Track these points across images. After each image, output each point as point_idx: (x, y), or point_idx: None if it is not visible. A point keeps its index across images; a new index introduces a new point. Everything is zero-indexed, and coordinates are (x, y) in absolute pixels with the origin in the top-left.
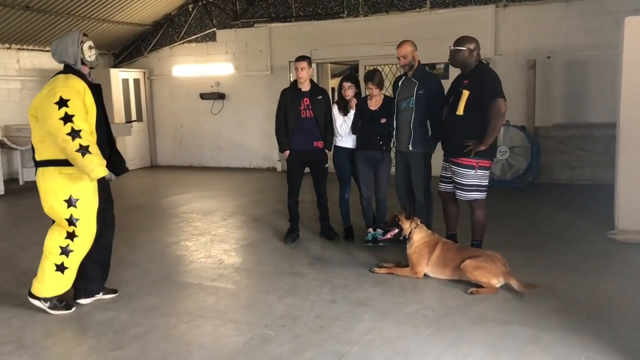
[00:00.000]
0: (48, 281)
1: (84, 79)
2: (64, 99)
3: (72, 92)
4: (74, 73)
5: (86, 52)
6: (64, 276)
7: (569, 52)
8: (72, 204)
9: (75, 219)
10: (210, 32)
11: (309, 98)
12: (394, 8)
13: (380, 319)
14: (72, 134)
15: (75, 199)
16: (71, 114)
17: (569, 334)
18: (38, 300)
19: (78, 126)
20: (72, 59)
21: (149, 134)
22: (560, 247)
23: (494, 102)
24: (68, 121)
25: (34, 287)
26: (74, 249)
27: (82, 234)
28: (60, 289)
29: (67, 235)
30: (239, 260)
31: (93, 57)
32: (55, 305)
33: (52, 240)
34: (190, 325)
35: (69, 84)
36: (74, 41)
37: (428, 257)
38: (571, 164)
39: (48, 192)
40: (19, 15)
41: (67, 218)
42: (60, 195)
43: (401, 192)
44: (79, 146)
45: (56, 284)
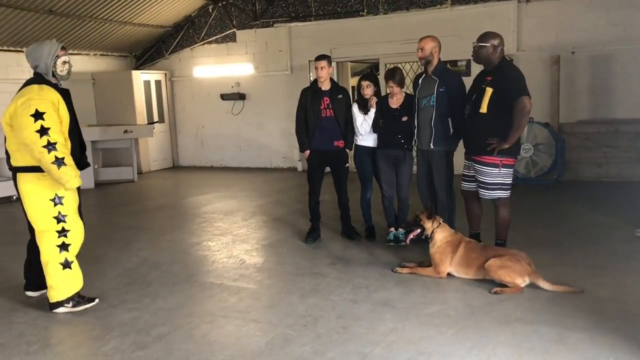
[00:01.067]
0: (61, 283)
1: (55, 88)
2: (40, 111)
3: (48, 105)
4: (46, 83)
5: (59, 67)
6: (73, 271)
7: (593, 46)
8: (59, 202)
9: (63, 215)
10: (230, 33)
11: (329, 97)
12: (414, 5)
13: (403, 319)
14: (48, 146)
15: (60, 196)
16: (47, 127)
17: (597, 334)
18: (61, 307)
19: (54, 139)
20: (43, 69)
21: (170, 135)
22: (586, 246)
23: (518, 100)
24: (44, 134)
25: (50, 297)
26: (71, 242)
27: (73, 227)
28: (75, 286)
29: (59, 233)
30: (260, 260)
31: (65, 72)
32: (78, 302)
33: (46, 246)
34: (212, 325)
35: (43, 95)
36: (50, 53)
37: (451, 257)
38: (597, 161)
39: (32, 194)
40: (43, 20)
41: (55, 216)
42: (46, 195)
43: (423, 191)
44: (54, 158)
45: (69, 282)
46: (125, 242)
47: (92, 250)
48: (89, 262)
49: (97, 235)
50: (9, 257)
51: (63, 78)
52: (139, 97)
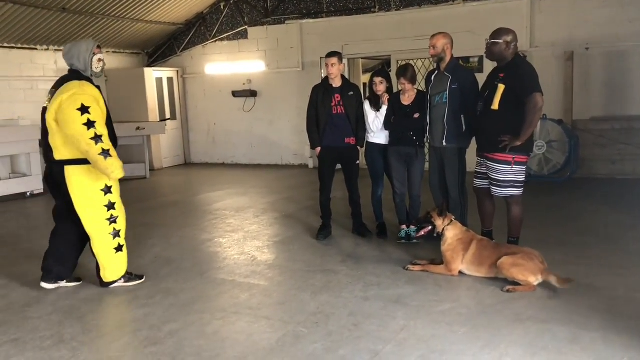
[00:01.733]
0: (115, 265)
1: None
2: (86, 106)
3: (91, 100)
4: (85, 79)
5: (94, 64)
6: (123, 253)
7: (608, 42)
8: (109, 191)
9: (112, 203)
10: (242, 30)
11: (340, 94)
12: (426, 1)
13: (415, 317)
14: (95, 138)
15: (109, 186)
16: (93, 120)
17: (611, 333)
18: (113, 284)
19: (100, 132)
20: (82, 66)
21: (182, 132)
22: (600, 244)
23: (530, 96)
24: (91, 127)
25: (103, 277)
26: (120, 227)
27: (120, 213)
28: (125, 265)
29: (109, 221)
30: (271, 257)
31: (99, 69)
32: (130, 279)
33: (100, 234)
34: (224, 321)
35: (85, 91)
36: (87, 49)
37: (463, 255)
38: (611, 158)
39: (84, 187)
40: (56, 17)
41: (105, 205)
42: (97, 186)
43: (435, 188)
44: (101, 150)
45: (120, 264)
46: (137, 239)
47: None
48: None
49: None
50: (23, 253)
51: (97, 75)
52: (151, 94)
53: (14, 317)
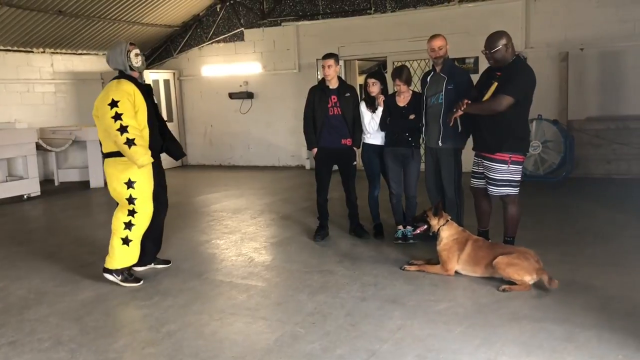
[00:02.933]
0: (118, 254)
1: (134, 82)
2: (115, 100)
3: (122, 94)
4: (125, 78)
5: (133, 60)
6: (130, 248)
7: (603, 43)
8: (131, 186)
9: (133, 198)
10: (238, 32)
11: (336, 95)
12: (421, 3)
13: (411, 316)
14: (121, 129)
15: (133, 181)
16: (120, 113)
17: (606, 331)
18: (111, 275)
19: (126, 122)
20: (121, 66)
21: (179, 134)
22: (596, 243)
23: (502, 96)
24: (118, 119)
25: (106, 262)
26: (136, 224)
27: (141, 210)
28: (128, 261)
29: (129, 212)
30: (269, 258)
31: (139, 62)
32: (126, 278)
33: (117, 219)
34: (222, 322)
35: (120, 87)
36: (121, 51)
37: (458, 255)
38: (606, 158)
39: (112, 177)
40: (52, 20)
41: (127, 198)
42: (122, 179)
43: (431, 188)
44: (126, 139)
45: (124, 256)
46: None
47: (103, 247)
48: (101, 259)
49: (107, 233)
50: (21, 255)
51: (140, 69)
52: None
53: (12, 319)
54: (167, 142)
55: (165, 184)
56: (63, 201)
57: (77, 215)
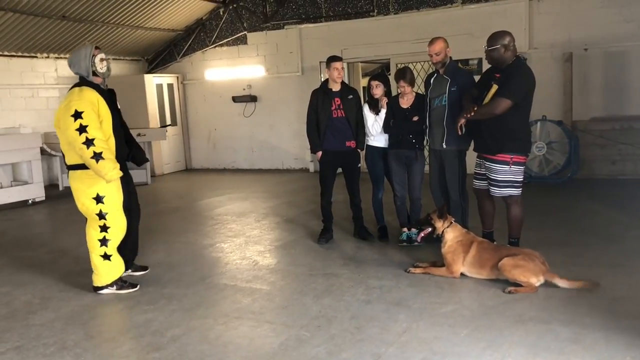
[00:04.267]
0: (103, 271)
1: (97, 89)
2: (79, 111)
3: (86, 104)
4: (87, 84)
5: (97, 65)
6: (112, 262)
7: (607, 43)
8: (100, 201)
9: (104, 213)
10: (241, 35)
11: (340, 98)
12: (424, 4)
13: (417, 319)
14: (87, 142)
15: (102, 195)
16: (85, 125)
17: (613, 333)
18: (105, 289)
19: (92, 135)
20: (84, 71)
21: (183, 138)
22: (602, 244)
23: (500, 98)
24: (83, 131)
25: (94, 281)
26: (111, 238)
27: (113, 224)
28: (116, 273)
29: (101, 229)
30: (273, 261)
31: (104, 68)
32: (122, 286)
33: (91, 237)
34: (226, 326)
35: (82, 96)
36: (86, 55)
37: (463, 257)
38: (612, 158)
39: (79, 192)
40: (56, 25)
41: (97, 213)
42: (89, 194)
43: (435, 190)
44: (93, 153)
45: (110, 271)
46: (139, 245)
47: None
48: None
49: None
50: (26, 260)
51: (105, 75)
52: (151, 100)
53: (17, 324)
54: (133, 149)
55: (134, 190)
56: (67, 206)
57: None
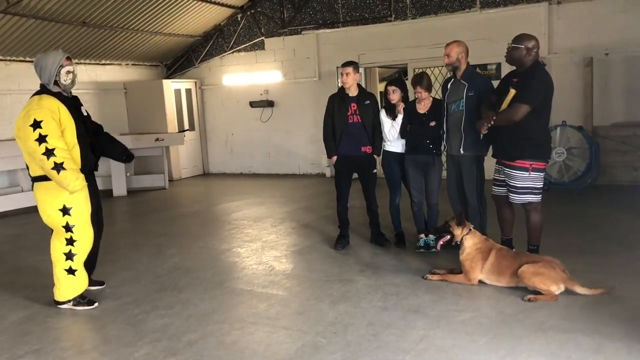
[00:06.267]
0: (64, 285)
1: (58, 97)
2: (37, 120)
3: (45, 113)
4: (47, 92)
5: (62, 76)
6: (76, 277)
7: (628, 47)
8: (67, 212)
9: (71, 226)
10: (259, 41)
11: (356, 103)
12: (442, 9)
13: (434, 326)
14: (47, 153)
15: (68, 207)
16: (45, 134)
17: (636, 342)
18: (63, 305)
19: (52, 145)
20: (46, 79)
21: (200, 143)
22: (623, 252)
23: (519, 105)
24: (42, 142)
25: (55, 294)
26: (77, 252)
27: (80, 237)
28: (78, 289)
29: (67, 241)
30: (289, 266)
31: (69, 81)
32: (79, 302)
33: (55, 250)
34: (243, 331)
35: (41, 105)
36: (53, 62)
37: (482, 264)
38: (633, 165)
39: (44, 203)
40: (77, 31)
41: (63, 225)
42: (55, 205)
43: (453, 196)
44: (53, 164)
45: (72, 286)
46: (157, 249)
47: (125, 256)
48: (122, 268)
49: (129, 242)
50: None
51: (67, 87)
52: (169, 105)
53: (35, 327)
54: (106, 146)
55: (99, 202)
56: None
57: None
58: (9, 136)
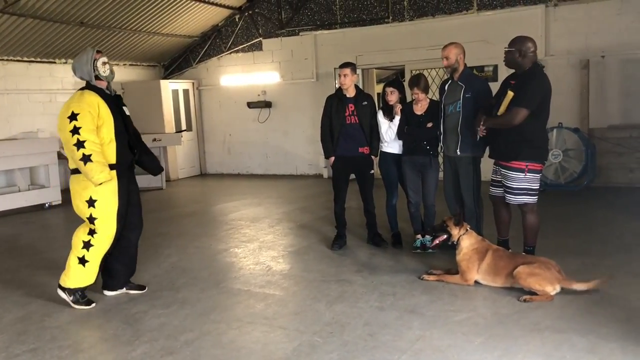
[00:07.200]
0: (72, 273)
1: (100, 93)
2: (75, 113)
3: (83, 107)
4: (90, 88)
5: (100, 68)
6: (86, 269)
7: (624, 50)
8: (92, 204)
9: (94, 218)
10: (257, 42)
11: (354, 104)
12: (440, 11)
13: (430, 327)
14: (77, 144)
15: (94, 199)
16: (78, 127)
17: (630, 343)
18: (63, 292)
19: (84, 137)
20: (87, 76)
21: (198, 143)
22: (618, 253)
23: (516, 108)
24: (75, 133)
25: (61, 278)
26: (94, 244)
27: (101, 231)
28: (82, 282)
29: (89, 231)
30: (286, 267)
31: (107, 72)
32: (78, 300)
33: (77, 236)
34: (240, 331)
35: (82, 99)
36: (87, 59)
37: (478, 264)
38: (629, 166)
39: (75, 194)
40: (75, 31)
41: (87, 217)
42: (83, 197)
43: (450, 197)
44: (82, 155)
45: (79, 277)
46: (154, 249)
47: None
48: None
49: None
50: (43, 263)
51: (109, 78)
52: (167, 106)
53: (32, 326)
54: (142, 155)
55: (138, 202)
56: None
57: None
58: (7, 136)
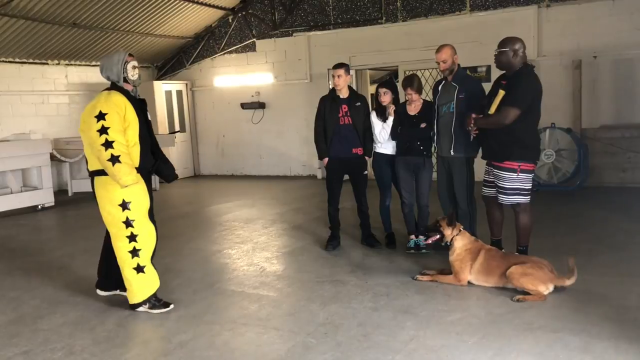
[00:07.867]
0: (136, 286)
1: (126, 95)
2: (103, 112)
3: (111, 107)
4: (117, 89)
5: (129, 72)
6: (147, 275)
7: (616, 50)
8: (126, 207)
9: (131, 220)
10: (250, 43)
11: (347, 105)
12: (433, 12)
13: (424, 327)
14: (105, 144)
15: (127, 201)
16: (107, 127)
17: (623, 342)
18: (140, 307)
19: (112, 137)
20: (115, 77)
21: (191, 144)
22: (611, 253)
23: (507, 107)
24: (103, 133)
25: (129, 298)
26: (141, 247)
27: (141, 232)
28: (150, 289)
29: (129, 239)
30: (280, 268)
31: (136, 76)
32: (155, 305)
33: (119, 251)
34: (233, 332)
35: (110, 99)
36: (119, 60)
37: (471, 265)
38: (621, 166)
39: (104, 199)
40: (67, 32)
41: (123, 221)
42: (115, 201)
43: (443, 198)
44: (110, 156)
45: (145, 285)
46: None
47: None
48: None
49: None
50: (35, 265)
51: (135, 83)
52: (160, 107)
53: (25, 328)
54: (159, 162)
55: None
56: (77, 211)
57: (90, 225)
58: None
